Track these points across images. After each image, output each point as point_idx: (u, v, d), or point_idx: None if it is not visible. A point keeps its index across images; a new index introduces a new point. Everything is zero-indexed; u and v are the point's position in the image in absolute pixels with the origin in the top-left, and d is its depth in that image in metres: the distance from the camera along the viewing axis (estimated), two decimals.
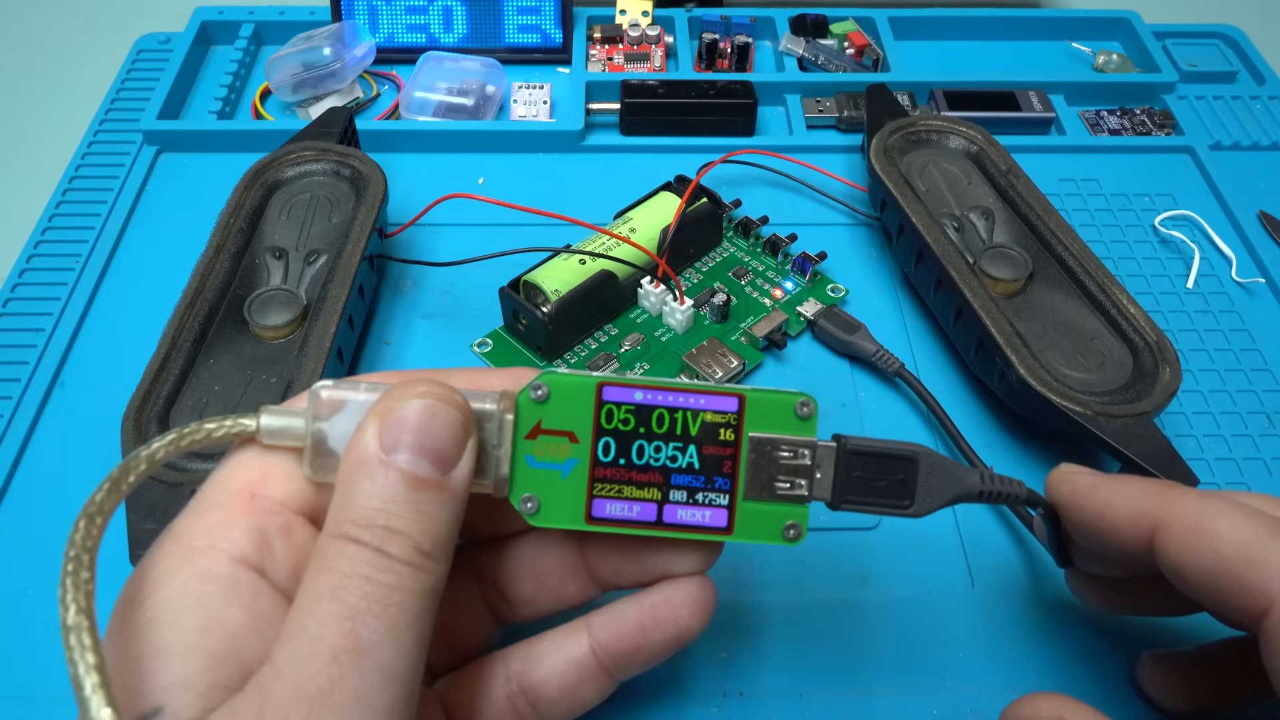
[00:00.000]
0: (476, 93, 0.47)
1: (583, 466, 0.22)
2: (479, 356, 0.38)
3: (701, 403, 0.22)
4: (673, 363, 0.37)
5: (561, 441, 0.22)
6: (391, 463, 0.19)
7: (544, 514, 0.22)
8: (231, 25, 0.52)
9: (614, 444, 0.22)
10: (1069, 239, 0.37)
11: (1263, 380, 0.38)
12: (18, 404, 0.36)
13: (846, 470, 0.22)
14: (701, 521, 0.22)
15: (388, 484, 0.19)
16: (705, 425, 0.22)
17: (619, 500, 0.22)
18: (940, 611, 0.31)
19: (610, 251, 0.37)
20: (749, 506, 0.22)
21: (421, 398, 0.20)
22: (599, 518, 0.22)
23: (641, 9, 0.52)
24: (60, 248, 0.42)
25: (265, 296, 0.35)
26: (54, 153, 0.47)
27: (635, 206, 0.40)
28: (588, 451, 0.22)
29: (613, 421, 0.22)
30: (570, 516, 0.22)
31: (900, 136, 0.41)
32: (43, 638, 0.30)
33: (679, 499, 0.22)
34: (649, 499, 0.22)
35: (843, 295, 0.40)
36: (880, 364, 0.37)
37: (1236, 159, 0.47)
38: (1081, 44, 0.53)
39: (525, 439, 0.21)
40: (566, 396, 0.22)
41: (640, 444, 0.22)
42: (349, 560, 0.18)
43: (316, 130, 0.41)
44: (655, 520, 0.22)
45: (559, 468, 0.22)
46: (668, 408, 0.22)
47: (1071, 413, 0.32)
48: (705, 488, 0.22)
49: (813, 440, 0.22)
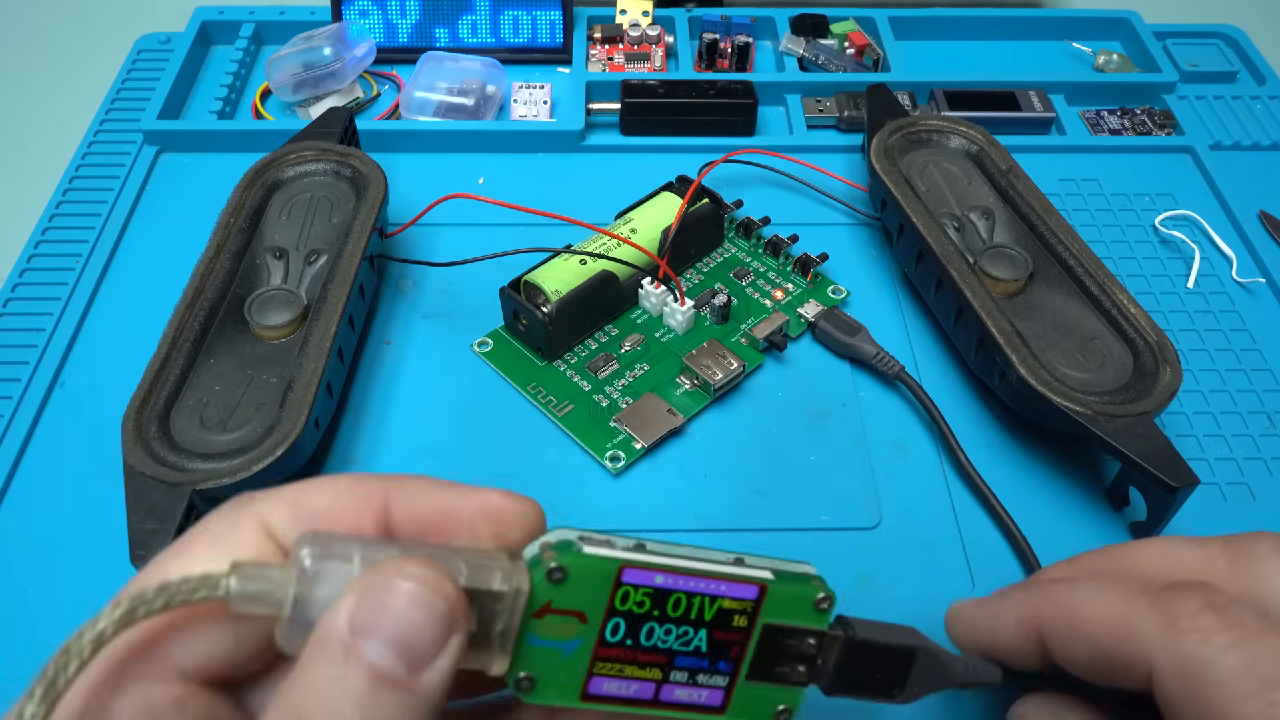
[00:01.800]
0: (477, 93, 0.47)
1: (587, 646, 0.20)
2: (479, 356, 0.38)
3: (722, 589, 0.21)
4: (673, 364, 0.37)
5: (570, 621, 0.20)
6: (357, 651, 0.17)
7: (539, 692, 0.20)
8: (232, 25, 0.52)
9: (624, 625, 0.20)
10: (1069, 239, 0.37)
11: (1263, 380, 0.38)
12: (18, 404, 0.36)
13: (849, 659, 0.22)
14: (696, 701, 0.21)
15: (347, 675, 0.17)
16: (720, 611, 0.21)
17: (618, 679, 0.21)
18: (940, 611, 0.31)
19: (611, 252, 0.37)
20: (747, 688, 0.21)
21: (410, 580, 0.17)
22: (594, 694, 0.21)
23: (642, 9, 0.52)
24: (60, 248, 0.42)
25: (265, 296, 0.35)
26: (54, 153, 0.47)
27: (636, 206, 0.40)
28: (596, 632, 0.20)
29: (627, 603, 0.20)
30: (566, 694, 0.20)
31: (901, 136, 0.41)
32: (43, 638, 0.30)
33: (679, 679, 0.21)
34: (649, 678, 0.21)
35: (844, 297, 0.40)
36: (881, 366, 0.37)
37: (1237, 159, 0.47)
38: (1082, 44, 0.53)
39: (532, 617, 0.20)
40: (584, 580, 0.20)
41: (651, 626, 0.20)
42: None
43: (317, 130, 0.41)
44: (651, 699, 0.21)
45: (562, 646, 0.20)
46: (686, 593, 0.21)
47: (1072, 413, 0.32)
48: (709, 670, 0.21)
49: (823, 631, 0.22)
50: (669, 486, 0.34)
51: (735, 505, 0.34)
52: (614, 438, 0.35)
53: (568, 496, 0.34)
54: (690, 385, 0.36)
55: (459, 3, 0.50)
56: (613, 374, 0.37)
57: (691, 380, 0.36)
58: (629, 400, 0.36)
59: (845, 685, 0.22)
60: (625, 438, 0.35)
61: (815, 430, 0.36)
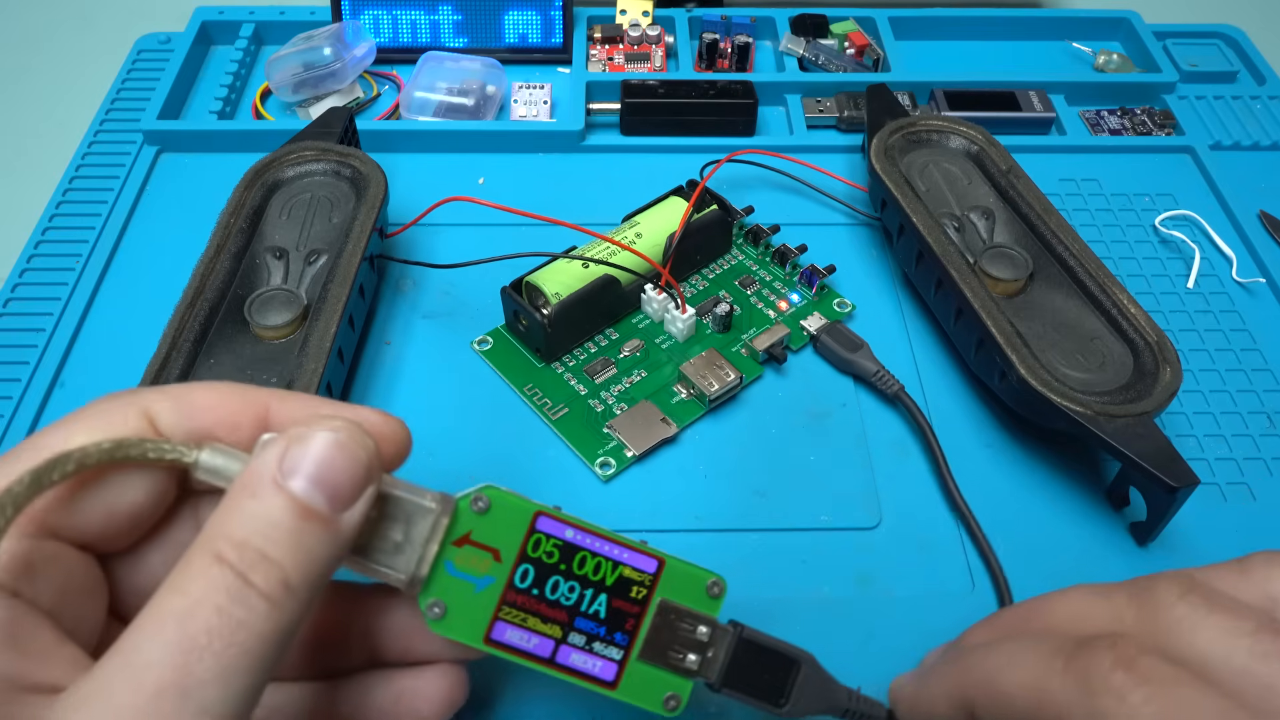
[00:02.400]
0: (477, 93, 0.47)
1: (497, 586, 0.22)
2: (479, 354, 0.38)
3: (625, 556, 0.23)
4: (671, 371, 0.37)
5: (485, 556, 0.22)
6: (284, 487, 0.18)
7: (447, 622, 0.22)
8: (232, 25, 0.52)
9: (532, 572, 0.22)
10: (1069, 239, 0.37)
11: (1263, 380, 0.38)
12: (18, 404, 0.36)
13: (737, 657, 0.24)
14: (590, 670, 0.23)
15: (274, 507, 0.18)
16: (622, 578, 0.23)
17: (520, 629, 0.22)
18: (940, 611, 0.31)
19: (613, 257, 0.37)
20: (639, 667, 0.23)
21: (334, 431, 0.19)
22: (496, 640, 0.22)
23: (642, 9, 0.52)
24: (60, 248, 0.42)
25: (266, 296, 0.35)
26: (54, 153, 0.47)
27: (644, 210, 0.40)
28: (506, 573, 0.22)
29: (538, 551, 0.22)
30: (471, 632, 0.22)
31: (901, 136, 0.41)
32: None
33: (577, 643, 0.23)
34: (549, 635, 0.22)
35: (849, 311, 0.39)
36: (880, 385, 0.36)
37: (1237, 159, 0.47)
38: (1082, 44, 0.53)
39: (453, 545, 0.21)
40: (503, 515, 0.22)
41: (557, 579, 0.22)
42: (207, 584, 0.17)
43: (317, 130, 0.41)
44: (548, 658, 0.22)
45: (475, 581, 0.22)
46: (592, 552, 0.23)
47: (1072, 413, 0.32)
48: (605, 638, 0.23)
49: (714, 619, 0.23)
50: (668, 487, 0.34)
51: (735, 505, 0.34)
52: (606, 444, 0.35)
53: (561, 499, 0.33)
54: (686, 394, 0.36)
55: (459, 3, 0.50)
56: (610, 379, 0.36)
57: (688, 389, 0.36)
58: (624, 406, 0.36)
59: (732, 682, 0.24)
60: (617, 445, 0.35)
61: (815, 430, 0.36)
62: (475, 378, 0.37)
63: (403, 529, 0.21)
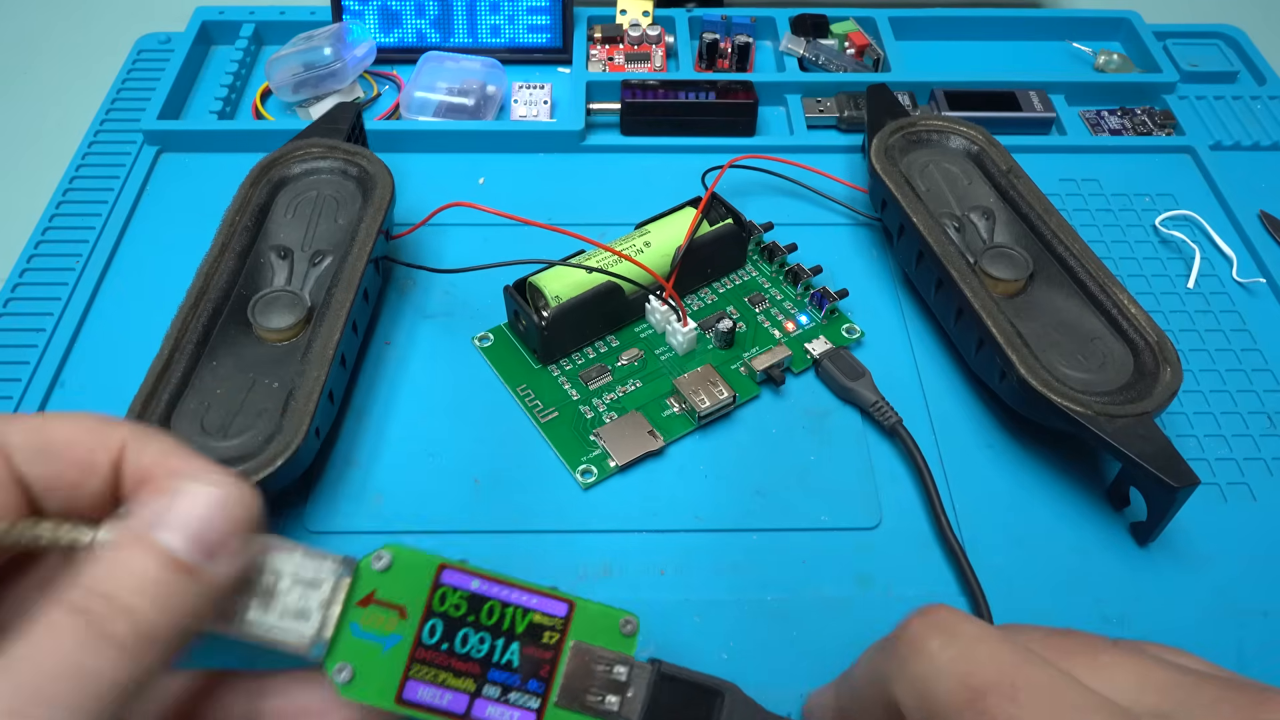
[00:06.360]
0: (477, 93, 0.47)
1: (405, 644, 0.22)
2: (479, 350, 0.38)
3: (534, 602, 0.22)
4: (666, 384, 0.36)
5: (390, 615, 0.21)
6: (153, 539, 0.18)
7: (356, 686, 0.21)
8: (232, 25, 0.52)
9: (440, 627, 0.22)
10: (1069, 239, 0.37)
11: (1263, 380, 0.38)
12: (18, 404, 0.36)
13: (657, 694, 0.23)
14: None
15: (141, 558, 0.18)
16: (532, 625, 0.22)
17: (433, 685, 0.22)
18: None
19: (617, 266, 0.37)
20: (558, 713, 0.22)
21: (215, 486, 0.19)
22: (408, 700, 0.22)
23: (642, 9, 0.52)
24: (61, 248, 0.42)
25: (270, 298, 0.35)
26: (54, 153, 0.47)
27: (657, 219, 0.39)
28: (414, 630, 0.22)
29: (445, 605, 0.22)
30: (381, 694, 0.21)
31: (901, 136, 0.41)
32: None
33: (492, 695, 0.22)
34: (463, 689, 0.22)
35: (858, 337, 0.38)
36: (878, 416, 0.35)
37: (1237, 159, 0.47)
38: (1082, 44, 0.53)
39: (357, 605, 0.21)
40: (406, 571, 0.22)
41: (466, 632, 0.22)
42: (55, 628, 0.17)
43: (324, 126, 0.40)
44: (463, 714, 0.22)
45: (382, 641, 0.21)
46: (501, 601, 0.22)
47: (1072, 413, 0.32)
48: (519, 688, 0.22)
49: (630, 658, 0.23)
50: (667, 488, 0.34)
51: (735, 505, 0.34)
52: (590, 451, 0.34)
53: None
54: (678, 409, 0.36)
55: (459, 2, 0.50)
56: (604, 386, 0.36)
57: (680, 404, 0.36)
58: (614, 415, 0.35)
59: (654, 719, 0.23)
60: (601, 453, 0.34)
61: (815, 430, 0.36)
62: (475, 375, 0.37)
63: (302, 593, 0.21)
